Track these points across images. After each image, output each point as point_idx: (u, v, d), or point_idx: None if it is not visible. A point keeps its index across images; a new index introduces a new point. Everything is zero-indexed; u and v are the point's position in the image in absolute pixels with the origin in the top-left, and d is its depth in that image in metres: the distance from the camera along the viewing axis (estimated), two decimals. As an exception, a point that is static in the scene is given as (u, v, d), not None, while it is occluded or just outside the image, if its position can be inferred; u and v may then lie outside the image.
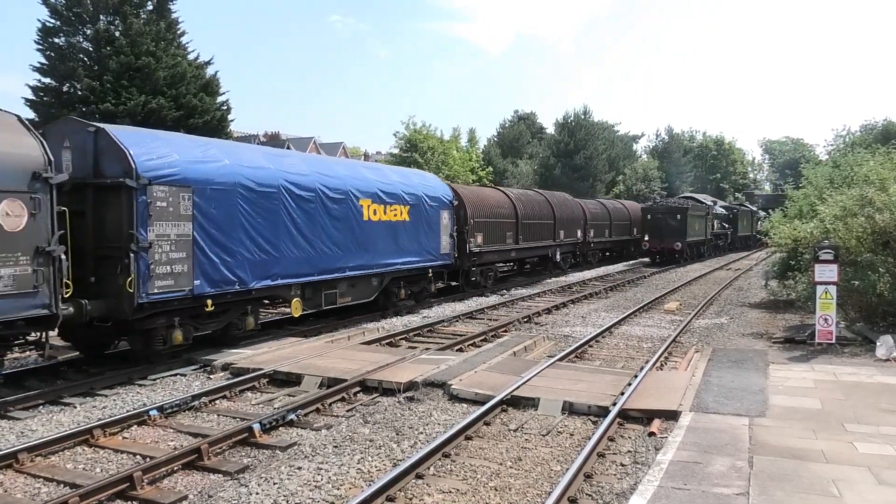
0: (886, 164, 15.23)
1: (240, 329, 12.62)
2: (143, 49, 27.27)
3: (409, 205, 17.44)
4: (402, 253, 17.10)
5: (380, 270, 16.30)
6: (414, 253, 17.63)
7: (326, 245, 14.34)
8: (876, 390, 9.18)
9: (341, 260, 14.79)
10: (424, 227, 18.15)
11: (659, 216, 35.41)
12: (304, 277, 13.73)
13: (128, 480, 6.22)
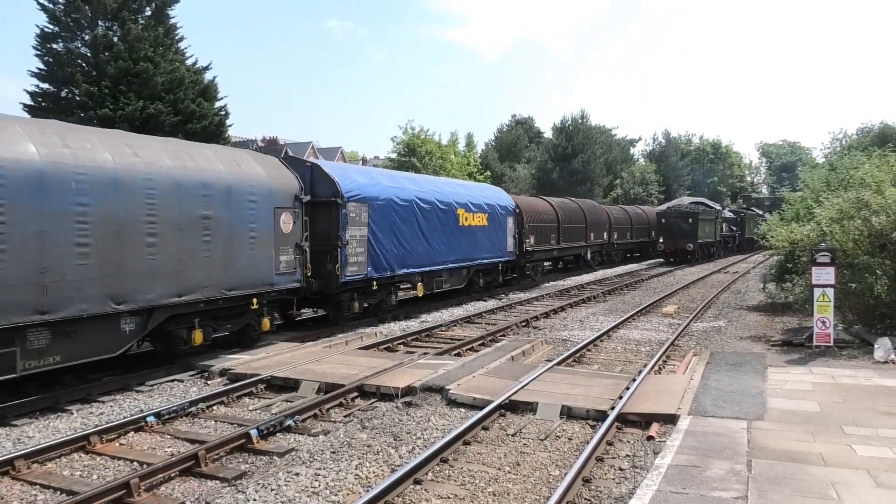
0: (882, 166, 15.26)
1: (387, 304, 17.22)
2: (141, 54, 27.28)
3: (487, 213, 21.86)
4: (482, 251, 21.58)
5: (468, 264, 20.88)
6: (490, 251, 22.13)
7: (437, 244, 18.70)
8: (874, 393, 9.19)
9: (445, 255, 19.22)
10: (497, 231, 22.62)
11: (672, 220, 38.31)
12: (424, 268, 18.15)
13: (125, 487, 6.19)
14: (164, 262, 10.49)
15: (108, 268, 9.65)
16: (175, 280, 10.70)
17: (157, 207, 10.40)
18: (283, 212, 13.01)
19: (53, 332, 9.02)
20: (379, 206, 16.08)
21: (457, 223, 19.86)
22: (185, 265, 10.90)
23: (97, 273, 9.49)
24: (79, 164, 9.27)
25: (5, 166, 8.38)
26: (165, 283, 10.53)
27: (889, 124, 67.82)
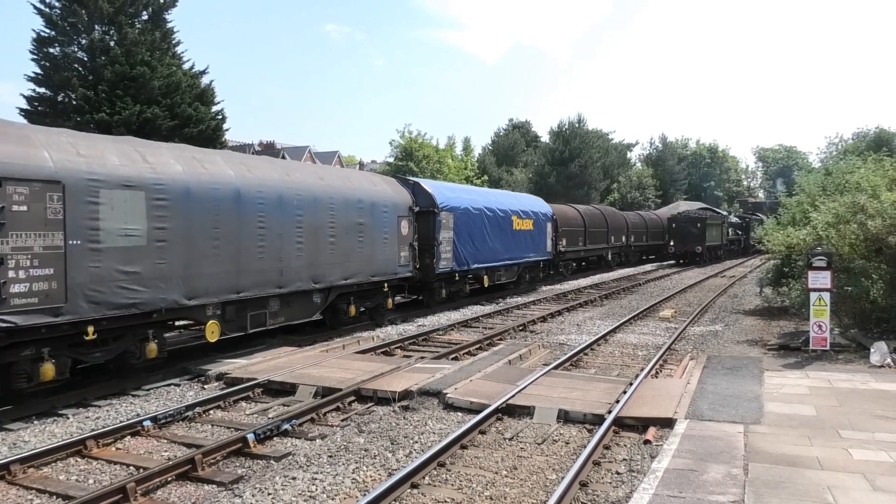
0: (878, 171, 15.31)
1: (463, 292, 21.39)
2: (137, 59, 27.28)
3: (532, 219, 25.76)
4: (529, 251, 25.56)
5: (519, 261, 24.66)
6: (534, 251, 26.13)
7: (498, 245, 22.54)
8: (870, 396, 9.20)
9: (503, 254, 23.04)
10: (539, 235, 26.56)
11: (682, 224, 41.71)
12: (489, 263, 22.16)
13: (121, 492, 6.18)
14: (338, 255, 14.75)
15: (310, 259, 13.90)
16: (343, 268, 14.99)
17: (335, 217, 14.69)
18: (402, 219, 17.35)
19: (282, 301, 13.44)
20: (460, 214, 20.22)
21: (511, 228, 23.95)
22: (349, 258, 15.17)
23: (305, 262, 13.76)
24: (298, 189, 13.67)
25: (263, 191, 12.64)
26: (338, 270, 14.82)
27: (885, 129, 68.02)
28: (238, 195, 12.06)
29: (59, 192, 9.09)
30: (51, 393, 9.63)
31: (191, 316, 11.69)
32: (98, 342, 9.88)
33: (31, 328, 8.78)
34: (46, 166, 9.00)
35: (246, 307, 12.51)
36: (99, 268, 9.59)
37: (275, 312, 13.28)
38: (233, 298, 12.06)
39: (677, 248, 41.23)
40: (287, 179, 13.58)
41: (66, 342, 9.49)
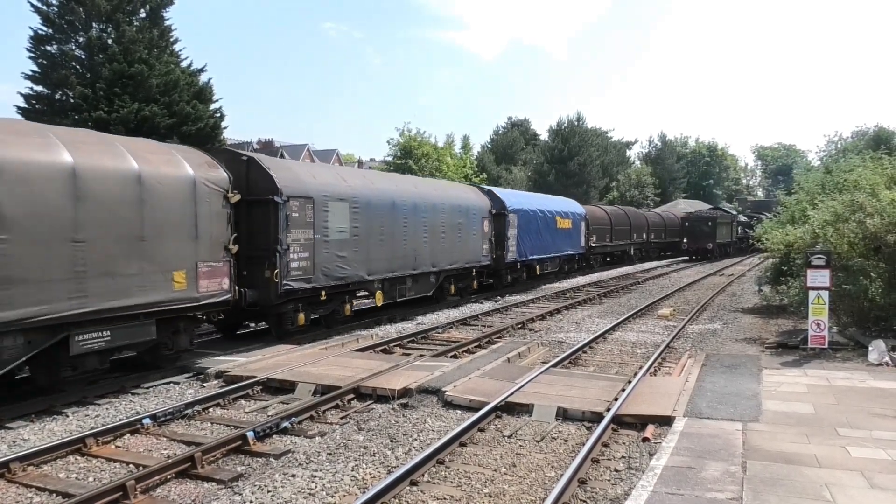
0: (877, 169, 15.33)
1: (521, 279, 25.75)
2: (135, 57, 27.23)
3: (570, 219, 30.38)
4: (568, 246, 30.10)
5: (560, 255, 29.43)
6: (572, 246, 30.73)
7: (546, 241, 27.18)
8: (868, 395, 9.23)
9: (550, 249, 27.73)
10: (575, 232, 31.24)
11: (695, 223, 45.44)
12: (540, 255, 26.68)
13: (121, 489, 6.19)
14: (446, 247, 19.65)
15: (431, 249, 18.69)
16: (449, 257, 19.91)
17: (445, 219, 19.61)
18: (484, 220, 22.21)
19: (413, 280, 18.22)
20: (522, 215, 24.73)
21: (556, 226, 28.45)
22: (452, 249, 20.07)
23: (428, 252, 18.61)
24: (423, 198, 18.56)
25: (406, 200, 17.48)
26: (446, 258, 19.72)
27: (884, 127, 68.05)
28: (393, 204, 16.98)
29: (311, 204, 13.89)
30: (50, 392, 9.64)
31: (367, 288, 16.53)
32: (325, 302, 14.76)
33: (297, 290, 13.55)
34: (306, 188, 13.89)
35: (395, 283, 17.35)
36: (327, 253, 14.36)
37: (409, 287, 18.09)
38: (389, 276, 16.91)
39: (690, 245, 44.73)
40: (416, 191, 18.74)
41: (309, 301, 14.27)
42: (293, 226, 13.27)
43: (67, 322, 9.15)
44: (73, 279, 9.15)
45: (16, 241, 8.49)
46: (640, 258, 42.92)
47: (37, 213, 8.72)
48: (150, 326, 10.43)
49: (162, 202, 10.49)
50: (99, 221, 9.52)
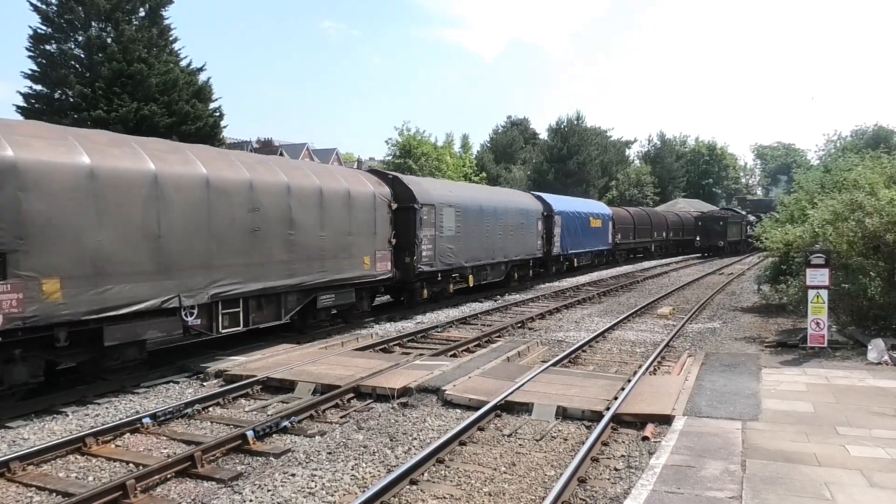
0: (876, 168, 15.33)
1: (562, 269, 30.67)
2: (135, 56, 27.24)
3: (600, 219, 35.07)
4: (598, 243, 34.81)
5: (592, 250, 34.11)
6: (601, 243, 35.40)
7: (581, 238, 31.87)
8: (867, 393, 9.24)
9: (584, 245, 32.46)
10: (604, 230, 35.88)
11: (707, 222, 49.58)
12: (576, 250, 31.38)
13: (121, 489, 6.19)
14: (513, 242, 24.19)
15: (502, 244, 23.18)
16: (515, 250, 24.37)
17: (513, 220, 24.23)
18: (538, 220, 26.84)
19: (491, 268, 22.69)
20: (564, 216, 29.44)
21: (589, 226, 33.08)
22: (517, 244, 24.60)
23: (500, 245, 23.03)
24: (498, 202, 23.40)
25: (489, 205, 22.34)
26: (513, 251, 24.21)
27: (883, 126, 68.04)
28: (481, 208, 21.89)
29: (433, 210, 18.57)
30: (49, 391, 9.64)
31: (462, 273, 20.74)
32: (439, 282, 19.51)
33: (425, 272, 18.27)
34: (431, 198, 18.66)
35: (480, 269, 21.91)
36: (442, 246, 18.98)
37: (489, 273, 22.70)
38: (477, 264, 21.52)
39: (703, 243, 48.52)
40: (495, 198, 24.14)
41: (429, 280, 18.97)
42: (423, 225, 17.95)
43: (316, 287, 14.01)
44: (319, 260, 13.93)
45: (297, 234, 13.24)
46: (660, 255, 47.24)
47: (306, 217, 13.50)
48: (352, 293, 15.36)
49: (359, 210, 15.30)
50: (332, 222, 14.35)
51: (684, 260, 44.88)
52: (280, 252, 12.76)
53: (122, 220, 9.77)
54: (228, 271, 11.54)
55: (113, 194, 9.64)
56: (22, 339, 8.69)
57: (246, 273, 11.91)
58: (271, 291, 12.67)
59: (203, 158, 11.58)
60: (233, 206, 11.66)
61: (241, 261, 11.80)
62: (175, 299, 10.50)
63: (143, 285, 10.01)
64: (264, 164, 13.22)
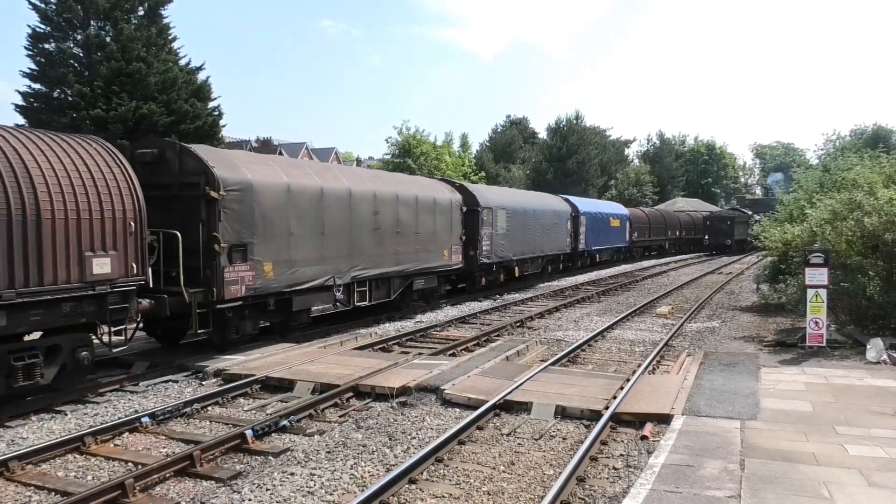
0: (875, 167, 15.35)
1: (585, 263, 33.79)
2: (134, 54, 27.17)
3: (619, 219, 39.03)
4: (617, 240, 38.59)
5: (612, 247, 37.94)
6: (620, 241, 39.25)
7: (603, 236, 35.57)
8: (866, 393, 9.25)
9: (605, 243, 36.02)
10: (622, 229, 39.66)
11: (715, 222, 53.64)
12: (598, 247, 34.85)
13: (120, 488, 6.19)
14: (547, 239, 27.65)
15: (540, 240, 26.86)
16: (549, 246, 27.98)
17: (548, 220, 27.86)
18: (567, 220, 30.67)
19: (531, 262, 26.53)
20: (588, 216, 33.21)
21: (609, 225, 37.02)
22: (551, 241, 28.13)
23: (539, 241, 26.82)
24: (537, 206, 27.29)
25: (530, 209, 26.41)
26: (547, 247, 27.71)
27: (882, 126, 68.05)
28: (525, 210, 25.57)
29: (490, 211, 22.03)
30: (49, 390, 9.64)
31: (509, 265, 24.13)
32: (494, 272, 23.12)
33: (484, 263, 21.75)
34: (488, 202, 22.20)
35: (523, 263, 25.49)
36: (496, 242, 22.50)
37: (528, 266, 26.33)
38: (521, 258, 25.04)
39: (711, 241, 52.54)
40: (536, 200, 28.52)
41: (486, 271, 22.45)
42: (483, 225, 21.62)
43: (413, 273, 17.78)
44: (415, 252, 17.55)
45: (402, 232, 16.92)
46: (673, 252, 51.16)
47: (407, 219, 17.13)
48: (435, 278, 19.24)
49: (440, 213, 19.00)
50: (423, 223, 17.96)
51: (684, 260, 45.48)
52: (391, 245, 16.52)
53: (304, 223, 13.40)
54: (361, 259, 15.27)
55: (299, 204, 13.23)
56: (250, 304, 12.40)
57: (371, 261, 15.67)
58: (385, 275, 16.50)
59: (345, 174, 15.96)
60: (363, 211, 15.37)
61: (368, 252, 15.55)
62: (331, 279, 14.19)
63: (314, 268, 13.72)
64: (381, 178, 18.10)
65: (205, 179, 11.32)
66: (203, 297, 11.24)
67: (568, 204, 31.62)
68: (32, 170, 8.60)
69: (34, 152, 8.77)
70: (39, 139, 9.10)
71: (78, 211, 8.97)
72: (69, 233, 8.85)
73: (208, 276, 11.26)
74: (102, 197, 9.32)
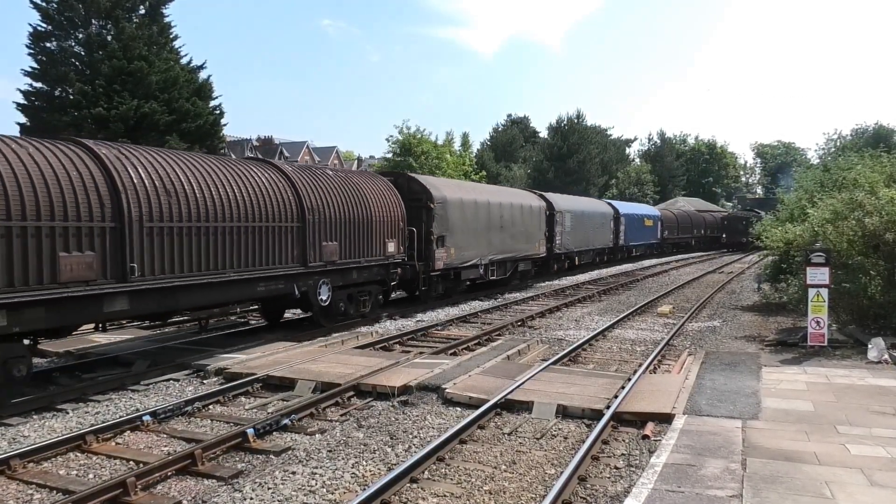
0: (876, 167, 15.33)
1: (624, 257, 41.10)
2: (135, 53, 27.21)
3: (651, 219, 46.19)
4: (650, 237, 45.44)
5: (646, 243, 44.74)
6: (652, 238, 46.18)
7: (638, 234, 42.60)
8: (868, 392, 9.24)
9: (639, 240, 42.95)
10: (655, 228, 46.75)
11: (731, 221, 57.79)
12: (634, 243, 42.13)
13: (121, 486, 6.18)
14: (597, 235, 34.66)
15: (592, 237, 33.87)
16: (598, 241, 34.79)
17: (598, 220, 34.89)
18: (611, 220, 36.81)
19: (584, 254, 33.05)
20: (627, 217, 39.66)
21: (644, 224, 44.10)
22: (599, 237, 34.98)
23: (591, 238, 33.79)
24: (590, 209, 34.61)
25: (587, 212, 34.04)
26: (597, 242, 34.66)
27: (884, 125, 67.99)
28: (582, 213, 31.79)
29: (560, 214, 28.79)
30: (48, 389, 9.65)
31: (570, 256, 30.38)
32: (563, 261, 29.96)
33: (557, 254, 28.92)
34: (560, 206, 29.19)
35: (580, 254, 31.73)
36: (565, 238, 29.40)
37: (585, 256, 32.61)
38: (579, 250, 31.47)
39: (728, 239, 56.76)
40: (588, 204, 34.89)
41: (557, 258, 29.14)
42: (557, 223, 28.41)
43: (518, 259, 24.47)
44: (520, 243, 24.28)
45: (514, 228, 23.88)
46: (697, 248, 57.00)
47: (515, 220, 23.72)
48: (530, 263, 25.87)
49: (533, 216, 25.71)
50: (523, 223, 24.62)
51: (684, 259, 45.85)
52: (508, 239, 23.34)
53: (467, 223, 20.36)
54: (492, 248, 22.13)
55: (466, 211, 20.33)
56: (443, 274, 19.36)
57: (497, 249, 22.46)
58: (504, 260, 23.29)
59: (484, 191, 24.28)
60: (494, 216, 22.34)
61: (496, 243, 22.38)
62: (478, 260, 21.15)
63: (470, 252, 20.60)
64: (501, 192, 25.59)
65: (425, 196, 18.56)
66: (423, 268, 18.38)
67: (611, 207, 38.57)
68: (369, 196, 15.96)
69: (368, 187, 16.31)
70: (371, 179, 17.23)
71: (389, 217, 16.53)
72: (382, 228, 16.21)
73: (427, 255, 18.39)
74: (395, 209, 16.85)
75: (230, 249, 11.57)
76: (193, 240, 10.88)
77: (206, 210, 11.08)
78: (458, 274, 20.16)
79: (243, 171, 12.37)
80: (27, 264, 8.65)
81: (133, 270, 9.87)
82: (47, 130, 23.88)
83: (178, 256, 10.64)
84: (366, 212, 15.38)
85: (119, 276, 9.75)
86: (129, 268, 9.83)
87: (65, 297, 9.10)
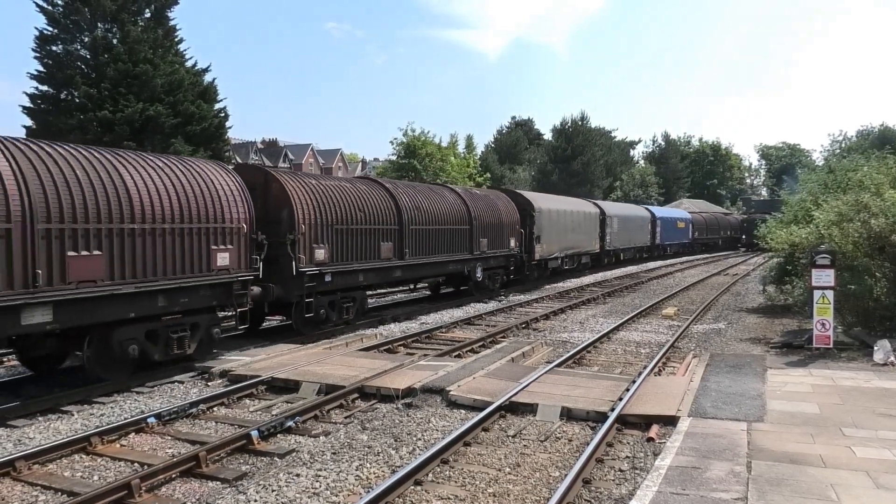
0: (882, 168, 15.28)
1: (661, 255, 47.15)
2: (140, 56, 27.29)
3: (684, 222, 52.61)
4: (683, 238, 52.34)
5: (679, 242, 51.32)
6: (684, 238, 52.47)
7: (672, 234, 49.43)
8: (873, 395, 9.20)
9: (673, 240, 49.48)
10: (686, 230, 52.82)
11: (750, 223, 58.36)
12: (669, 242, 48.64)
13: (126, 488, 6.20)
14: (637, 236, 41.36)
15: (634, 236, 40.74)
16: (637, 241, 41.40)
17: (638, 223, 41.74)
18: (648, 223, 43.79)
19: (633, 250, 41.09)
20: (662, 220, 46.06)
21: (676, 226, 49.86)
22: (639, 237, 41.66)
23: (633, 239, 40.42)
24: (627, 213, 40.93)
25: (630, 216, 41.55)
26: (637, 242, 41.29)
27: (889, 126, 67.79)
28: (626, 217, 38.57)
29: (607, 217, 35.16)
30: (50, 389, 9.68)
31: (617, 253, 37.49)
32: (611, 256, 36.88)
33: (607, 250, 35.76)
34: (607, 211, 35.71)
35: (625, 250, 38.67)
36: (613, 237, 36.09)
37: (627, 253, 39.28)
38: (624, 247, 38.34)
39: (746, 239, 59.32)
40: (630, 209, 42.64)
41: (605, 256, 35.73)
42: (606, 226, 34.32)
43: (581, 253, 31.48)
44: (583, 241, 31.54)
45: (581, 229, 31.41)
46: (723, 248, 61.57)
47: (579, 224, 31.01)
48: (589, 257, 32.70)
49: (591, 220, 32.83)
50: (585, 226, 31.91)
51: (690, 261, 46.32)
52: (575, 237, 29.76)
53: (554, 226, 27.25)
54: (567, 244, 28.77)
55: (551, 217, 26.98)
56: (537, 264, 26.41)
57: (569, 245, 29.02)
58: (573, 253, 29.72)
59: (558, 200, 30.47)
60: (566, 219, 28.69)
61: (569, 241, 28.82)
62: (559, 253, 27.65)
63: (552, 247, 27.20)
64: (570, 201, 32.13)
65: (529, 206, 25.46)
66: (528, 256, 24.96)
67: (648, 211, 45.16)
68: (500, 207, 23.18)
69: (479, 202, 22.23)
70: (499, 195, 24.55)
71: (511, 222, 23.50)
72: (507, 230, 22.98)
73: (529, 249, 25.06)
74: (513, 216, 23.82)
75: (440, 243, 18.98)
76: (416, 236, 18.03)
77: (434, 217, 18.85)
78: (546, 264, 27.18)
79: (438, 194, 20.02)
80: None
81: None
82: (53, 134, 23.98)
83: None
84: (498, 218, 22.58)
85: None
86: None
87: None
